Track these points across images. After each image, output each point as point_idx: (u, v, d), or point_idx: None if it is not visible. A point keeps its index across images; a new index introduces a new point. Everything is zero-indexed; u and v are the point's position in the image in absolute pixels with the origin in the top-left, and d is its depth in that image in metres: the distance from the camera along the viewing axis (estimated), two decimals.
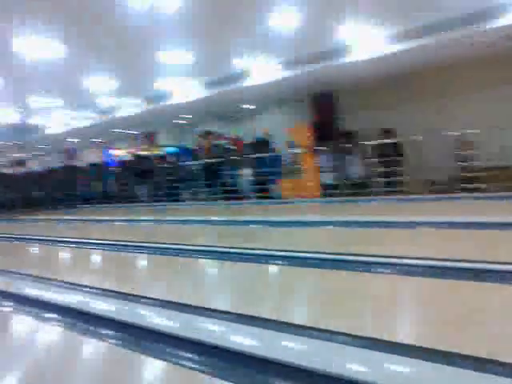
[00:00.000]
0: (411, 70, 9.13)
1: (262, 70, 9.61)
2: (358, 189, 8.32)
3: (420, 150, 8.33)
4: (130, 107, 12.54)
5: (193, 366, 2.00)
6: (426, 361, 1.75)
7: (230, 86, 10.23)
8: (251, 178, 9.80)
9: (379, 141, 8.40)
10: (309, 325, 2.23)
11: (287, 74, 9.39)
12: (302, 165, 9.52)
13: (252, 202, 9.55)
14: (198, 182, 10.80)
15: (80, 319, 2.68)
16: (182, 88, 11.01)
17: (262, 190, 9.61)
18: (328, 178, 8.88)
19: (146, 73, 9.66)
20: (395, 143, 8.27)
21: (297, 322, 2.31)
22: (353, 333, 2.05)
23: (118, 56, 8.37)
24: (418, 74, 9.29)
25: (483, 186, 6.93)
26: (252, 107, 13.13)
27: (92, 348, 2.35)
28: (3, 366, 2.17)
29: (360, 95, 10.37)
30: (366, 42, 8.05)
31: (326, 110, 11.19)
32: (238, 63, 9.29)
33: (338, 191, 8.54)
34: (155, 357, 2.10)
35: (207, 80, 10.55)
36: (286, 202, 8.89)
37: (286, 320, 2.29)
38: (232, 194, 10.02)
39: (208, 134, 12.31)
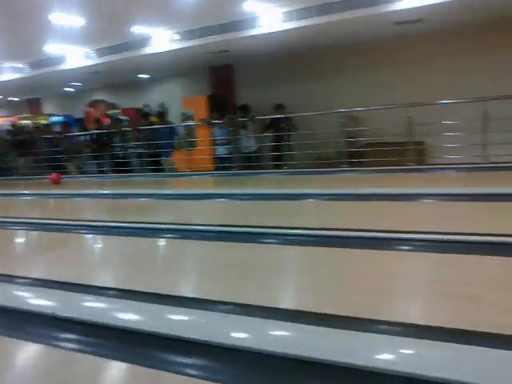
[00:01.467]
0: (310, 48, 9.23)
1: (159, 39, 9.13)
2: (251, 162, 8.36)
3: (312, 126, 8.55)
4: (12, 72, 11.29)
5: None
6: None
7: (125, 54, 9.60)
8: (144, 151, 9.39)
9: (271, 116, 8.47)
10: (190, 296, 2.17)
11: (185, 44, 9.01)
12: (196, 137, 9.32)
13: (144, 175, 9.18)
14: (86, 155, 10.12)
15: None
16: (72, 54, 10.12)
17: (155, 162, 9.28)
18: (222, 152, 8.81)
19: (31, 35, 8.64)
20: (288, 118, 8.39)
21: (177, 294, 2.25)
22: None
23: None
24: (316, 52, 9.41)
25: (366, 160, 7.33)
26: (149, 77, 12.53)
27: None
28: None
29: (258, 70, 10.31)
30: (265, 17, 7.97)
31: (224, 83, 11.03)
32: (135, 30, 8.70)
33: (231, 165, 8.52)
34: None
35: (100, 46, 9.78)
36: (180, 175, 8.69)
37: (168, 293, 2.21)
38: (122, 167, 9.53)
39: (98, 103, 11.56)
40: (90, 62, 10.13)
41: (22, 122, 13.89)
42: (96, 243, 3.91)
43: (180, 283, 2.55)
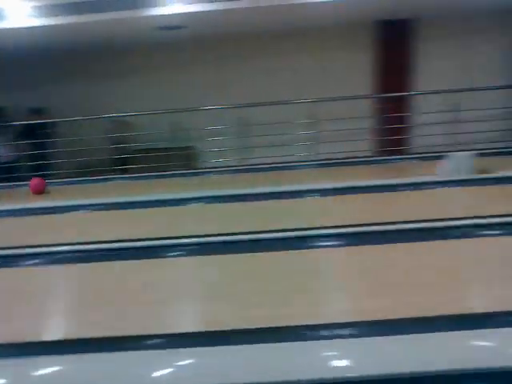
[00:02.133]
0: (73, 48, 8.50)
1: None
2: (7, 173, 7.36)
3: (82, 132, 8.00)
4: None
5: None
6: None
7: None
8: None
9: (29, 121, 7.63)
10: None
11: None
12: None
13: None
14: None
15: None
16: None
17: None
18: None
19: None
20: (48, 124, 7.68)
21: None
22: None
23: None
24: (82, 53, 8.77)
25: (137, 166, 7.24)
26: None
27: None
28: None
29: (16, 69, 9.04)
30: (10, 10, 7.01)
31: None
32: None
33: None
34: None
35: None
36: None
37: None
38: None
39: None
40: None
41: None
42: None
43: None
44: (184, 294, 2.56)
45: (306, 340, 1.88)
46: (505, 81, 7.64)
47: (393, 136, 7.29)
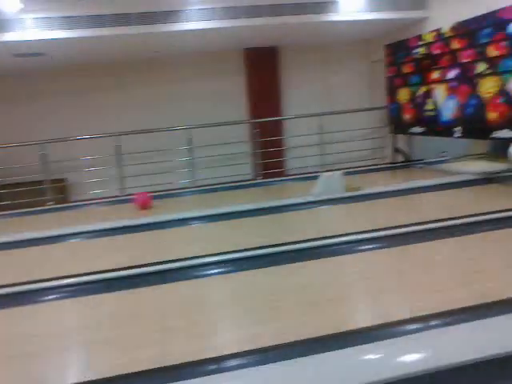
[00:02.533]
0: None
1: None
2: None
3: None
4: None
5: None
6: None
7: None
8: None
9: None
10: None
11: None
12: None
13: None
14: None
15: None
16: None
17: None
18: None
19: None
20: None
21: None
22: None
23: None
24: None
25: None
26: None
27: None
28: None
29: None
30: None
31: None
32: None
33: None
34: None
35: None
36: None
37: None
38: None
39: None
40: None
41: None
42: None
43: None
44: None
45: None
46: (365, 103, 8.46)
47: (270, 159, 7.61)
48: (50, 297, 3.03)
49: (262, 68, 8.24)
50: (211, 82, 8.29)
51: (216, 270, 3.30)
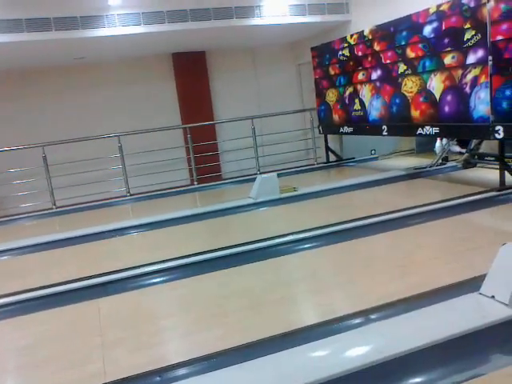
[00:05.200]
0: None
1: None
2: None
3: None
4: None
5: None
6: None
7: None
8: None
9: None
10: None
11: None
12: None
13: None
14: None
15: None
16: None
17: None
18: None
19: None
20: None
21: None
22: None
23: None
24: None
25: None
26: None
27: None
28: None
29: None
30: None
31: None
32: None
33: None
34: None
35: None
36: None
37: None
38: None
39: None
40: None
41: None
42: None
43: None
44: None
45: None
46: (296, 105, 8.63)
47: (205, 164, 7.55)
48: None
49: (192, 72, 8.16)
50: (142, 87, 8.10)
51: (157, 279, 3.23)
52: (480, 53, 4.27)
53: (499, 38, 4.07)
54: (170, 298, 2.93)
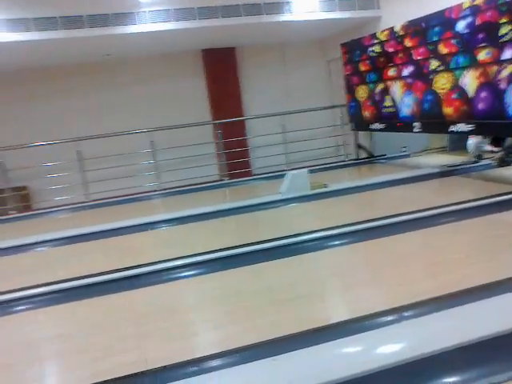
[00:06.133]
0: None
1: None
2: None
3: None
4: None
5: None
6: None
7: None
8: None
9: None
10: None
11: None
12: None
13: None
14: None
15: None
16: None
17: None
18: None
19: None
20: None
21: None
22: None
23: None
24: None
25: None
26: None
27: None
28: None
29: None
30: None
31: None
32: None
33: None
34: None
35: None
36: None
37: None
38: None
39: None
40: None
41: None
42: None
43: None
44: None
45: None
46: (325, 101, 8.60)
47: (235, 160, 7.63)
48: (22, 307, 2.97)
49: (222, 68, 8.24)
50: (170, 83, 8.23)
51: (188, 273, 3.30)
52: None
53: None
54: (200, 291, 2.99)
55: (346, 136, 7.95)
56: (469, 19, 4.70)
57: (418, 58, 5.53)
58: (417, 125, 5.77)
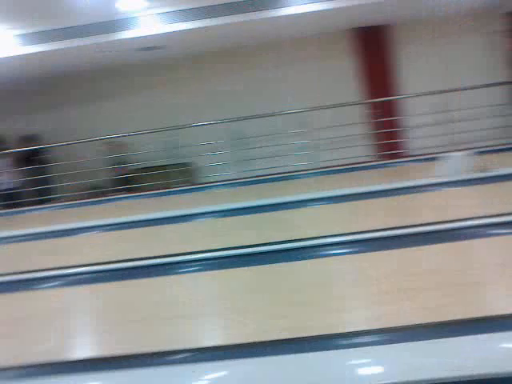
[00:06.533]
0: (61, 73, 8.55)
1: None
2: (10, 200, 7.35)
3: (75, 156, 8.03)
4: None
5: None
6: None
7: None
8: None
9: (22, 148, 7.66)
10: None
11: None
12: None
13: None
14: None
15: None
16: None
17: None
18: None
19: None
20: (40, 150, 7.72)
21: None
22: None
23: None
24: (68, 78, 8.81)
25: (139, 185, 7.30)
26: None
27: None
28: None
29: (7, 98, 9.00)
30: None
31: None
32: None
33: None
34: None
35: None
36: None
37: None
38: None
39: None
40: None
41: None
42: None
43: None
44: (203, 309, 2.52)
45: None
46: (487, 79, 7.86)
47: (387, 140, 7.44)
48: (191, 269, 3.24)
49: (372, 47, 8.04)
50: (320, 64, 8.29)
51: (346, 250, 3.33)
52: None
53: None
54: (356, 268, 3.00)
55: (510, 117, 7.18)
56: None
57: None
58: None
